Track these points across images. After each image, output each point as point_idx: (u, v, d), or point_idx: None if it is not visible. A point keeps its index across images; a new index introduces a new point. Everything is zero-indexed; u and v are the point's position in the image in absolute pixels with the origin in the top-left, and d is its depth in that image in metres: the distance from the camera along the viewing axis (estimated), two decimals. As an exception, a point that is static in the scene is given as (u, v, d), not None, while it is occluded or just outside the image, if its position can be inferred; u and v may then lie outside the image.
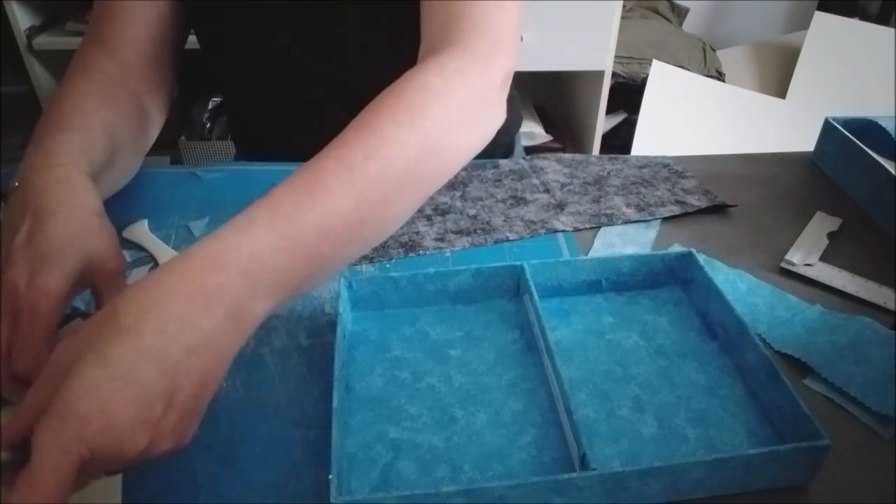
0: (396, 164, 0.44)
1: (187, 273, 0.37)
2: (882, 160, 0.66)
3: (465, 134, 0.49)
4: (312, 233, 0.40)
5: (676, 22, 2.07)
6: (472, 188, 0.70)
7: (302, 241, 0.40)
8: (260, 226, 0.39)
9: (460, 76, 0.49)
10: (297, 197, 0.41)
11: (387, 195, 0.43)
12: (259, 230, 0.39)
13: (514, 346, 0.51)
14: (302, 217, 0.40)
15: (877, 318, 0.53)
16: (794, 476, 0.41)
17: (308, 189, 0.41)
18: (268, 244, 0.39)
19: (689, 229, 0.65)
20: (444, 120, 0.47)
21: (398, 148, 0.44)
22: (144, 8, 0.66)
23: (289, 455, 0.43)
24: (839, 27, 1.81)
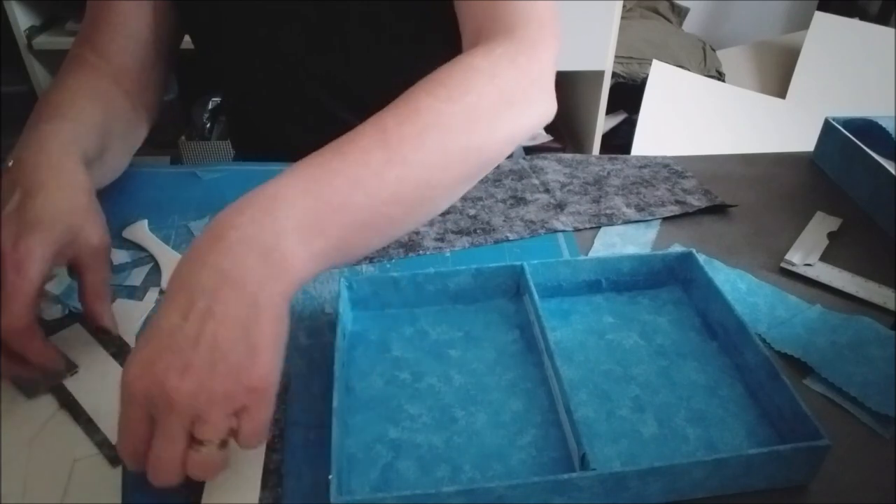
0: (433, 131, 0.44)
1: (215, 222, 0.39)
2: (882, 160, 0.66)
3: (512, 115, 0.48)
4: (341, 179, 0.41)
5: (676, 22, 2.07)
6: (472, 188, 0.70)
7: (329, 184, 0.40)
8: (285, 175, 0.41)
9: (508, 59, 0.49)
10: (325, 155, 0.42)
11: (426, 158, 0.43)
12: (283, 178, 0.40)
13: (514, 346, 0.51)
14: (327, 166, 0.41)
15: (877, 318, 0.53)
16: (794, 476, 0.41)
17: (337, 147, 0.42)
18: (290, 186, 0.40)
19: (689, 229, 0.65)
20: (489, 98, 0.47)
21: (435, 116, 0.44)
22: (136, 9, 0.66)
23: (289, 455, 0.43)
24: (839, 27, 1.81)
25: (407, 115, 0.44)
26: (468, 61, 0.48)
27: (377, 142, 0.42)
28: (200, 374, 0.35)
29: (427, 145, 0.43)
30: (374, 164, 0.42)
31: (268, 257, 0.38)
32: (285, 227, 0.39)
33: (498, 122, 0.47)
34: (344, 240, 0.41)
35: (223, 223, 0.38)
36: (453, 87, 0.46)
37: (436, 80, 0.47)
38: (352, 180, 0.41)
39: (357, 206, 0.41)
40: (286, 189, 0.40)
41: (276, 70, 0.73)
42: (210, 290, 0.36)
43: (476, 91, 0.46)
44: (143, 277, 0.58)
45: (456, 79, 0.47)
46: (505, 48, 0.50)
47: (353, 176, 0.41)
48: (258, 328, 0.37)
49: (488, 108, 0.47)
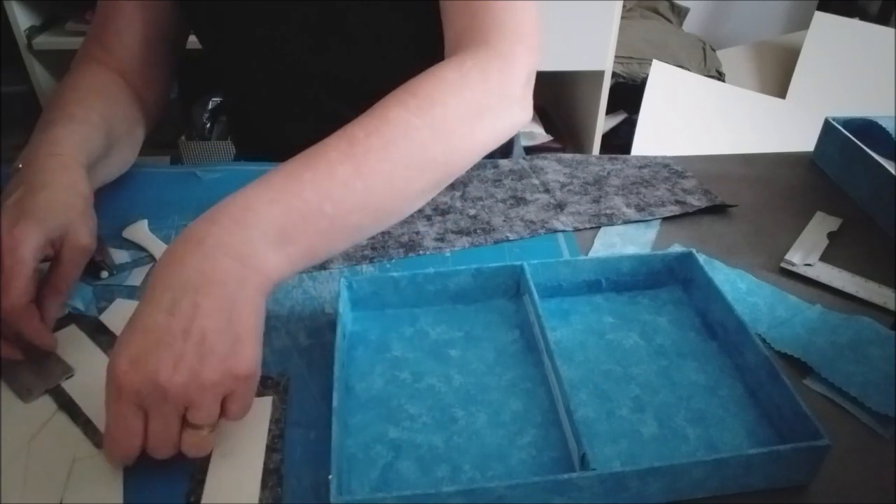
0: (399, 143, 0.46)
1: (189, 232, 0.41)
2: (882, 160, 0.66)
3: (480, 126, 0.50)
4: (309, 190, 0.43)
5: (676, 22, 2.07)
6: (472, 188, 0.70)
7: (298, 195, 0.43)
8: (256, 185, 0.43)
9: (479, 71, 0.50)
10: (295, 165, 0.44)
11: (392, 170, 0.46)
12: (252, 189, 0.43)
13: (514, 346, 0.51)
14: (297, 177, 0.43)
15: (877, 318, 0.53)
16: (794, 476, 0.41)
17: (306, 158, 0.45)
18: (260, 196, 0.42)
19: (689, 229, 0.65)
20: (456, 110, 0.48)
21: (402, 128, 0.46)
22: (142, 7, 0.68)
23: (289, 455, 0.43)
24: (839, 27, 1.81)
25: (376, 127, 0.46)
26: (439, 73, 0.50)
27: (345, 154, 0.45)
28: (192, 366, 0.38)
29: (393, 158, 0.46)
30: (341, 176, 0.44)
31: (244, 261, 0.41)
32: (255, 236, 0.41)
33: (464, 133, 0.49)
34: (312, 246, 0.44)
35: (198, 231, 0.41)
36: (423, 98, 0.48)
37: (408, 91, 0.48)
38: (320, 192, 0.43)
39: (324, 216, 0.44)
40: (256, 200, 0.42)
41: (276, 70, 0.73)
42: (194, 288, 0.39)
43: (443, 103, 0.48)
44: (143, 277, 0.58)
45: (425, 90, 0.48)
46: (476, 60, 0.51)
47: (321, 187, 0.43)
48: (241, 320, 0.40)
49: (455, 119, 0.48)
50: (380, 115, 0.47)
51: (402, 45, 0.70)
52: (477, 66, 0.51)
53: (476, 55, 0.52)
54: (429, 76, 0.50)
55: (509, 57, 0.52)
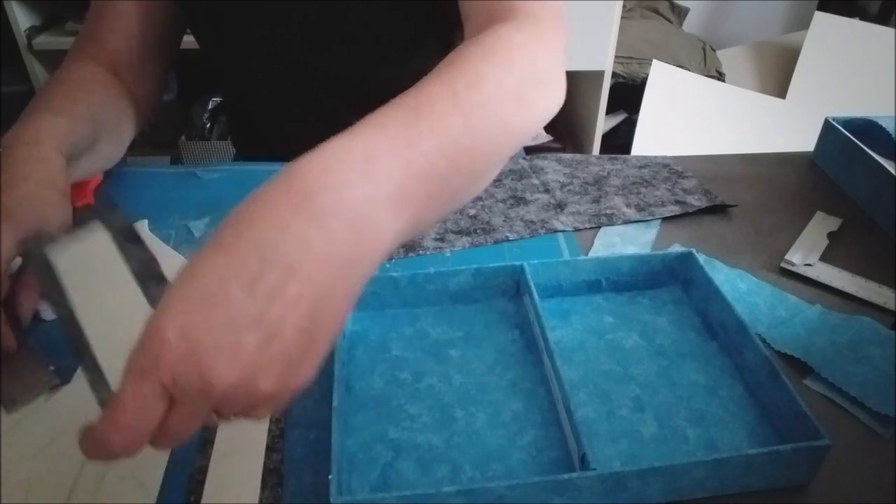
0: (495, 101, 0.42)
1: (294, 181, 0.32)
2: (882, 160, 0.66)
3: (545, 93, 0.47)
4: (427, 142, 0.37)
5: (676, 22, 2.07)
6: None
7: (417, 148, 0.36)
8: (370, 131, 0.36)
9: (537, 39, 0.48)
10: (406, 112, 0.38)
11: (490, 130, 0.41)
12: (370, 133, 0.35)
13: (514, 346, 0.51)
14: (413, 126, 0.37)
15: (877, 318, 0.53)
16: (794, 476, 0.41)
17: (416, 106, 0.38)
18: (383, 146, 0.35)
19: (689, 229, 0.65)
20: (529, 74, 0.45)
21: (495, 87, 0.42)
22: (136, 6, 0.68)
23: (289, 455, 0.43)
24: (839, 27, 1.81)
25: (474, 81, 0.41)
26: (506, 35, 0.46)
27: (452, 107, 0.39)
28: (250, 366, 0.30)
29: (492, 116, 0.41)
30: (454, 132, 0.38)
31: (359, 230, 0.33)
32: (379, 195, 0.34)
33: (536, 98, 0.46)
34: (421, 213, 0.37)
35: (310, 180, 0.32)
36: (504, 58, 0.44)
37: (487, 47, 0.44)
38: (437, 147, 0.37)
39: (439, 176, 0.37)
40: (377, 149, 0.35)
41: (276, 70, 0.73)
42: (288, 263, 0.31)
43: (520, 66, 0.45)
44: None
45: (502, 50, 0.45)
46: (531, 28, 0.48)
47: (437, 142, 0.37)
48: (328, 318, 0.32)
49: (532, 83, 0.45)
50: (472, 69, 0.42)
51: (402, 45, 0.70)
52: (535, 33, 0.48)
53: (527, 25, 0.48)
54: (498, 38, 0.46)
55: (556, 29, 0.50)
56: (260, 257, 0.30)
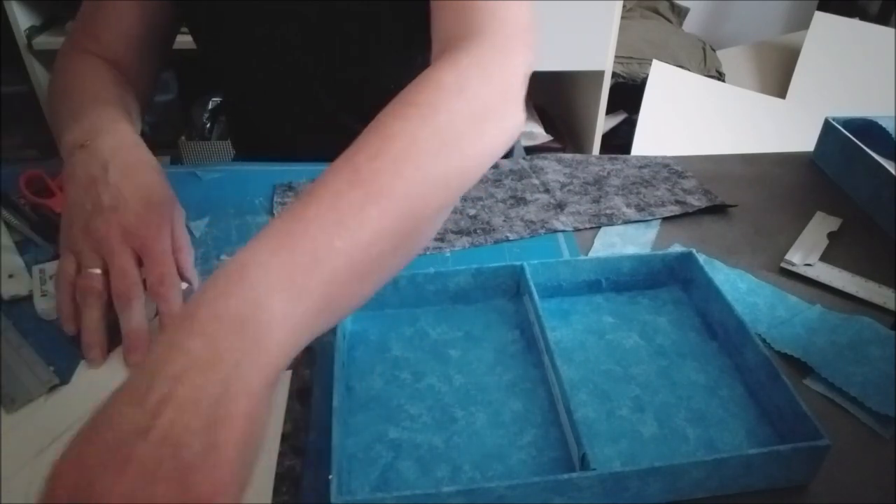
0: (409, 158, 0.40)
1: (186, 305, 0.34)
2: (882, 160, 0.66)
3: (487, 128, 0.45)
4: (315, 226, 0.37)
5: (676, 22, 2.07)
6: (472, 188, 0.70)
7: (304, 234, 0.36)
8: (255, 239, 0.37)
9: (478, 69, 0.46)
10: (295, 205, 0.38)
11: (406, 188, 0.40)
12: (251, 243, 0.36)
13: (514, 346, 0.51)
14: (299, 216, 0.37)
15: (877, 318, 0.53)
16: (794, 476, 0.41)
17: (307, 196, 0.38)
18: (260, 248, 0.36)
19: (689, 229, 0.65)
20: (461, 114, 0.43)
21: (408, 142, 0.41)
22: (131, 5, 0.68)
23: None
24: (839, 27, 1.81)
25: (379, 146, 0.40)
26: (436, 77, 0.45)
27: (350, 181, 0.39)
28: (141, 475, 0.29)
29: (405, 175, 0.40)
30: (350, 205, 0.38)
31: (245, 331, 0.32)
32: (259, 293, 0.34)
33: (473, 138, 0.44)
34: (328, 296, 0.36)
35: (194, 304, 0.34)
36: (424, 106, 0.43)
37: (406, 102, 0.43)
38: (328, 225, 0.37)
39: (338, 253, 0.36)
40: (256, 253, 0.35)
41: (276, 70, 0.73)
42: (175, 374, 0.31)
43: (447, 109, 0.43)
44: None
45: (424, 98, 0.43)
46: (472, 57, 0.47)
47: (329, 221, 0.37)
48: (226, 422, 0.30)
49: (463, 125, 0.43)
50: (381, 133, 0.41)
51: (401, 46, 0.70)
52: (474, 63, 0.46)
53: (471, 52, 0.47)
54: (425, 82, 0.45)
55: (507, 50, 0.48)
56: (149, 374, 0.31)
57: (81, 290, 0.49)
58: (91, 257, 0.50)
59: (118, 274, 0.49)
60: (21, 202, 0.63)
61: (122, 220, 0.51)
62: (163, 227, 0.52)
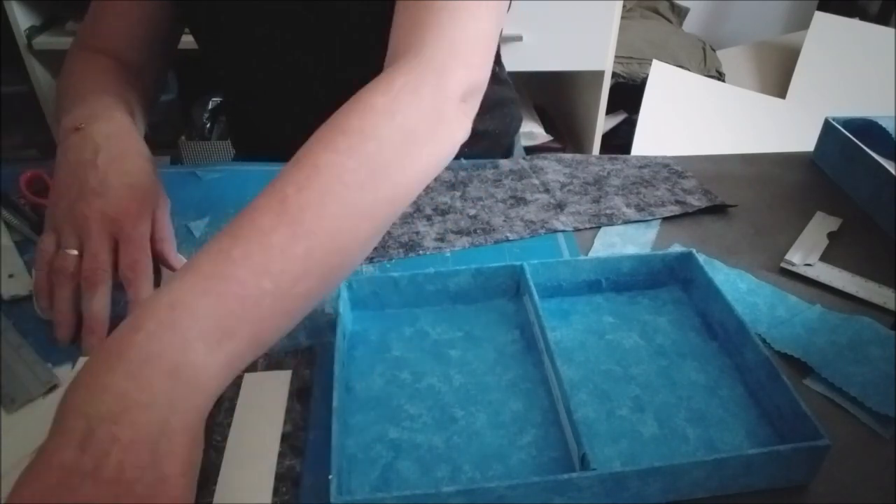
0: (335, 191, 0.40)
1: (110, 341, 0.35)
2: (882, 160, 0.66)
3: (418, 154, 0.45)
4: (243, 269, 0.37)
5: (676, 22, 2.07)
6: (472, 188, 0.70)
7: (231, 278, 0.37)
8: (180, 276, 0.37)
9: (409, 92, 0.45)
10: (222, 241, 0.38)
11: (332, 223, 0.40)
12: (179, 281, 0.37)
13: (514, 346, 0.51)
14: (226, 256, 0.37)
15: (877, 318, 0.53)
16: (794, 476, 0.41)
17: (234, 231, 0.39)
18: (189, 288, 0.36)
19: (689, 229, 0.65)
20: (390, 140, 0.43)
21: (336, 174, 0.41)
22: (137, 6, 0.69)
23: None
24: (839, 27, 1.81)
25: (306, 178, 0.40)
26: (368, 100, 0.44)
27: (277, 216, 0.39)
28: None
29: (331, 210, 0.40)
30: (276, 245, 0.38)
31: (176, 375, 0.34)
32: (189, 337, 0.35)
33: (403, 165, 0.44)
34: (256, 334, 0.37)
35: (119, 343, 0.34)
36: (352, 134, 0.42)
37: (335, 128, 0.43)
38: (255, 268, 0.37)
39: (266, 294, 0.37)
40: (184, 293, 0.36)
41: (276, 70, 0.73)
42: (112, 416, 0.32)
43: (376, 136, 0.43)
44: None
45: (354, 124, 0.43)
46: (407, 78, 0.46)
47: (255, 263, 0.37)
48: (170, 456, 0.33)
49: (391, 152, 0.43)
50: (309, 164, 0.41)
51: None
52: (407, 85, 0.45)
53: (407, 72, 0.46)
54: (356, 105, 0.44)
55: (442, 71, 0.47)
56: (85, 418, 0.32)
57: (55, 269, 0.50)
58: (70, 238, 0.51)
59: (89, 257, 0.49)
60: (21, 202, 0.63)
61: (105, 204, 0.51)
62: (143, 214, 0.52)
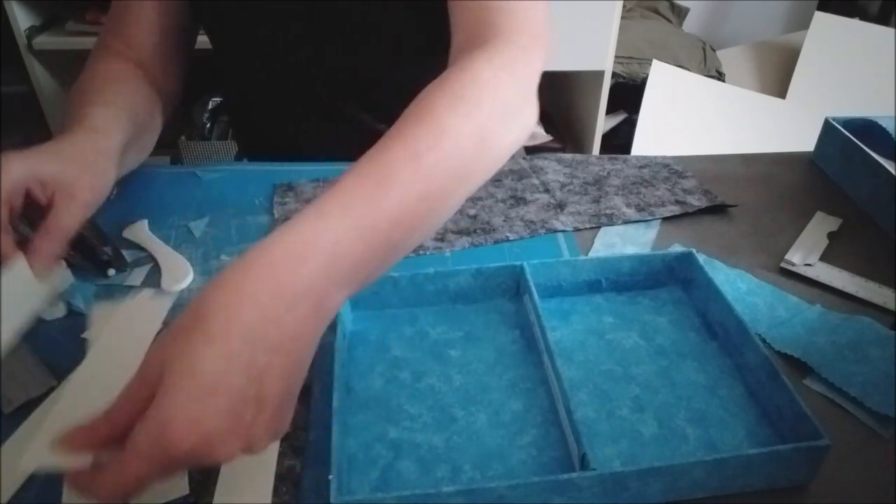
0: (456, 155, 0.44)
1: (271, 269, 0.36)
2: (882, 160, 0.66)
3: (513, 126, 0.49)
4: (385, 220, 0.40)
5: (676, 22, 2.07)
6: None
7: (377, 229, 0.40)
8: (335, 216, 0.39)
9: (508, 70, 0.49)
10: (368, 186, 0.41)
11: (448, 185, 0.44)
12: (335, 220, 0.39)
13: (514, 346, 0.51)
14: (376, 206, 0.40)
15: (877, 318, 0.53)
16: (794, 476, 0.41)
17: (378, 178, 0.41)
18: (346, 233, 0.39)
19: (689, 229, 0.65)
20: (496, 112, 0.47)
21: (457, 138, 0.44)
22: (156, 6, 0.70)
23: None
24: (839, 27, 1.81)
25: (435, 138, 0.43)
26: (473, 71, 0.48)
27: (415, 173, 0.42)
28: (249, 438, 0.34)
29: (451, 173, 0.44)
30: (412, 200, 0.41)
31: (320, 309, 0.38)
32: (339, 277, 0.38)
33: (501, 136, 0.48)
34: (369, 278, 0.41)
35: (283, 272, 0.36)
36: (469, 102, 0.46)
37: (451, 93, 0.46)
38: (393, 219, 0.40)
39: (392, 245, 0.41)
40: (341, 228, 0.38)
41: (279, 70, 0.73)
42: (273, 347, 0.35)
43: (488, 106, 0.47)
44: (143, 277, 0.58)
45: (468, 92, 0.47)
46: (503, 57, 0.50)
47: (394, 214, 0.40)
48: (295, 388, 0.37)
49: (496, 122, 0.47)
50: (435, 125, 0.44)
51: (405, 44, 0.70)
52: (506, 64, 0.50)
53: (501, 52, 0.50)
54: (465, 75, 0.48)
55: (531, 53, 0.52)
56: (250, 346, 0.34)
57: None
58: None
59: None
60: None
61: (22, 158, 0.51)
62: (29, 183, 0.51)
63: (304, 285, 0.36)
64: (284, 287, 0.36)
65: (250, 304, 0.35)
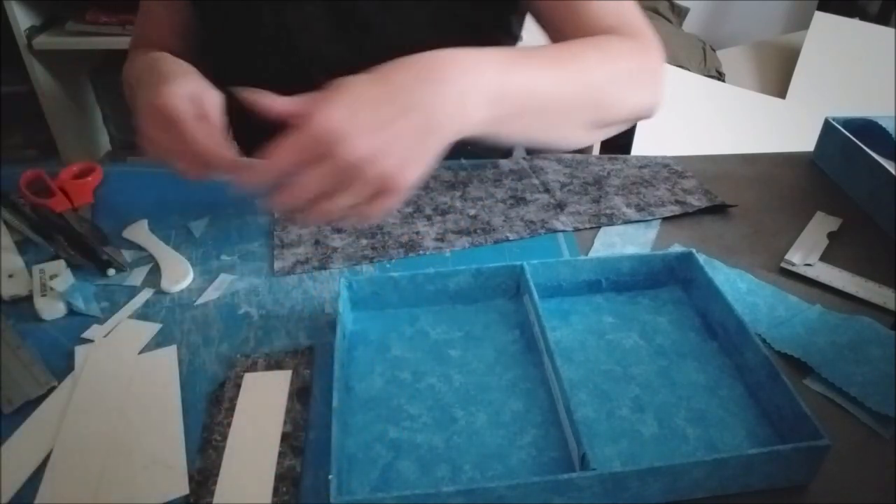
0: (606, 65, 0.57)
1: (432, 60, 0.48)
2: (882, 160, 0.66)
3: (645, 90, 0.61)
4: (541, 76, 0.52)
5: (676, 22, 2.07)
6: (472, 188, 0.70)
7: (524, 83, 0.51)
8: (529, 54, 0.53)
9: (642, 49, 0.62)
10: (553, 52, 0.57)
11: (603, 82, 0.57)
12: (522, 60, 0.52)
13: (514, 346, 0.51)
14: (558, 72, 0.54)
15: (877, 318, 0.53)
16: (794, 476, 0.41)
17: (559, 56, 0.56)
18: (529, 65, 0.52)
19: (689, 229, 0.65)
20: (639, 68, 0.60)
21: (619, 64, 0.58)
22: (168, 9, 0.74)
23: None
24: (839, 27, 1.80)
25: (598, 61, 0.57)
26: (619, 39, 0.60)
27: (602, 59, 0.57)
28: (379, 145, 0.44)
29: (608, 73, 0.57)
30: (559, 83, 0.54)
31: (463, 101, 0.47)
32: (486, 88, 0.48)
33: (636, 91, 0.60)
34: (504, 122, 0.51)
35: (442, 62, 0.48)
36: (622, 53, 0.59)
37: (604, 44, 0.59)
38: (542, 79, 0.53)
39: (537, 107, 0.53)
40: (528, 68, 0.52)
41: (282, 70, 0.73)
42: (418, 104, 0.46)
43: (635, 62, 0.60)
44: (143, 277, 0.58)
45: (616, 47, 0.59)
46: (637, 41, 0.62)
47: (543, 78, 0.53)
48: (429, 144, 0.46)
49: (637, 76, 0.60)
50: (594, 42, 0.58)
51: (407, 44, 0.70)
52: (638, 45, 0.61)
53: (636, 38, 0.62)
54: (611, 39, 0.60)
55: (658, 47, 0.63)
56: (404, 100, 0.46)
57: None
58: None
59: None
60: (21, 202, 0.63)
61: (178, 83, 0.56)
62: None
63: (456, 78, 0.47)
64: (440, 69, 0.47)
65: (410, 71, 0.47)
